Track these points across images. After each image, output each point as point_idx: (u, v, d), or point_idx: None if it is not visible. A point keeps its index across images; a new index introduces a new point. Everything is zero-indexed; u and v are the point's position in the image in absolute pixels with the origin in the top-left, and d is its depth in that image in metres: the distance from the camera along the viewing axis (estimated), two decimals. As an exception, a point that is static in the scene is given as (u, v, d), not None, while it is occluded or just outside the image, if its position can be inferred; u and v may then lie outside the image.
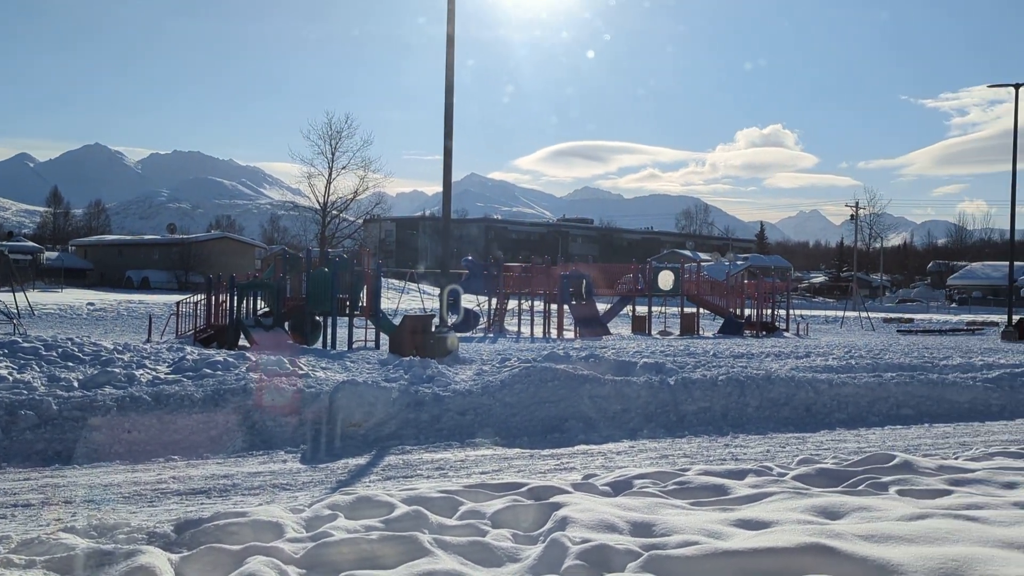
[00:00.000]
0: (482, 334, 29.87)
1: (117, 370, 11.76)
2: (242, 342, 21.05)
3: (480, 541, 5.16)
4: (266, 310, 22.97)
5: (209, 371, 12.27)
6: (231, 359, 13.31)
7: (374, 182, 67.21)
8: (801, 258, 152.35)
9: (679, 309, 36.61)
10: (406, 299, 41.29)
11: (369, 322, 23.14)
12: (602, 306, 35.50)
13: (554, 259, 38.63)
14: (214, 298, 22.21)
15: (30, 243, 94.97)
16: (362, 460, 9.45)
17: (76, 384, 10.96)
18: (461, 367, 14.91)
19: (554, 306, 32.19)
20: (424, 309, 31.31)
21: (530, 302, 33.70)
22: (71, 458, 9.04)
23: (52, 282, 66.85)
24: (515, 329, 32.30)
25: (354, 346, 21.68)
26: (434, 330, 18.23)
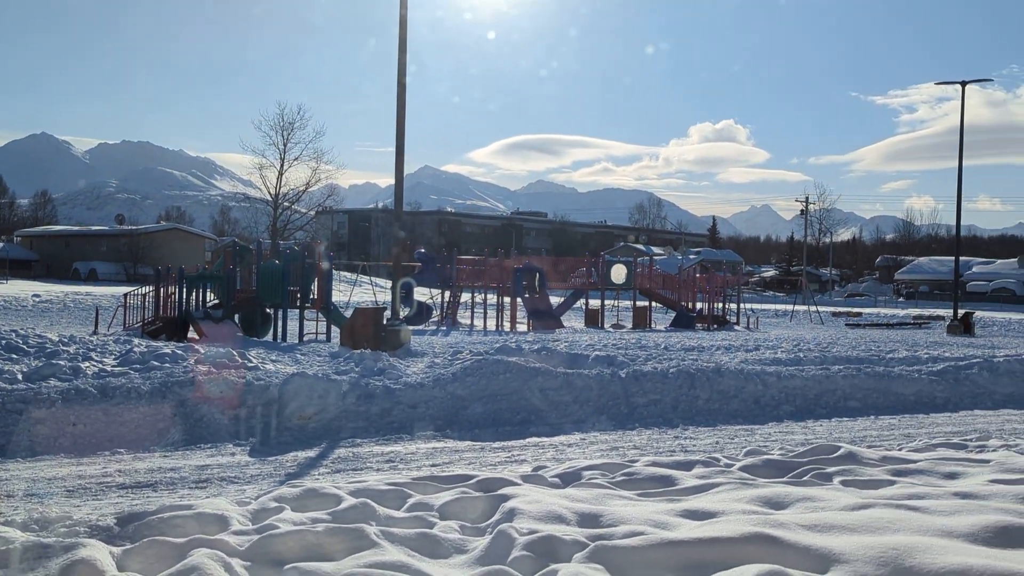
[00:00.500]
0: (435, 327, 29.80)
1: (62, 362, 11.58)
2: (191, 334, 20.82)
3: (427, 533, 5.16)
4: (216, 302, 22.73)
5: (157, 363, 12.12)
6: (179, 351, 13.16)
7: (326, 174, 66.97)
8: (752, 252, 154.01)
9: (632, 303, 36.81)
10: (358, 292, 41.03)
11: (320, 315, 22.98)
12: (555, 299, 35.58)
13: (507, 252, 38.60)
14: (163, 290, 21.92)
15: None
16: (311, 453, 9.39)
17: (20, 376, 10.75)
18: (413, 360, 14.85)
19: (507, 299, 32.22)
20: (376, 302, 31.12)
21: (483, 295, 33.72)
22: (14, 451, 8.88)
23: (-4, 273, 65.55)
24: (468, 322, 32.28)
25: (305, 339, 21.51)
26: (386, 323, 18.13)
